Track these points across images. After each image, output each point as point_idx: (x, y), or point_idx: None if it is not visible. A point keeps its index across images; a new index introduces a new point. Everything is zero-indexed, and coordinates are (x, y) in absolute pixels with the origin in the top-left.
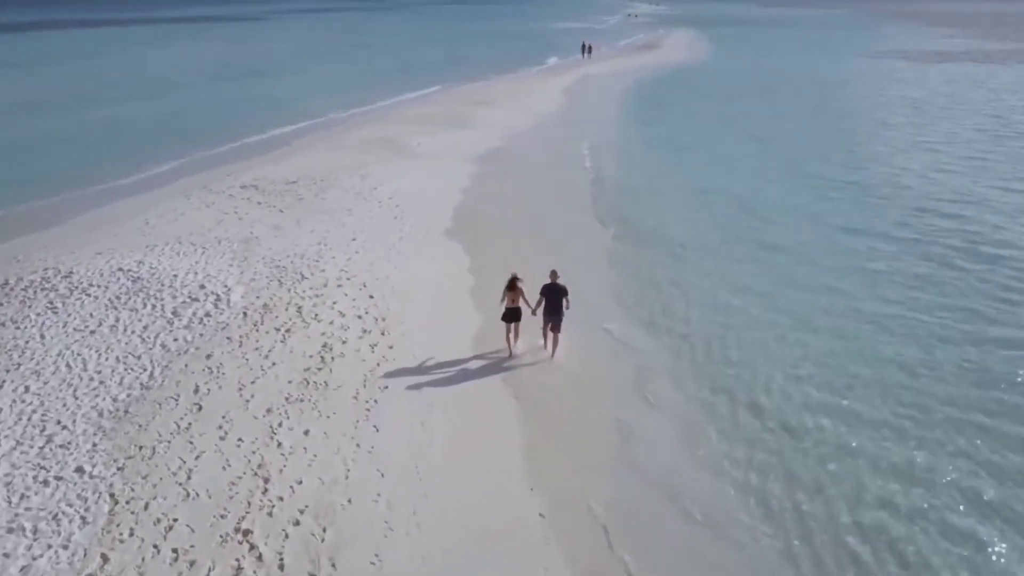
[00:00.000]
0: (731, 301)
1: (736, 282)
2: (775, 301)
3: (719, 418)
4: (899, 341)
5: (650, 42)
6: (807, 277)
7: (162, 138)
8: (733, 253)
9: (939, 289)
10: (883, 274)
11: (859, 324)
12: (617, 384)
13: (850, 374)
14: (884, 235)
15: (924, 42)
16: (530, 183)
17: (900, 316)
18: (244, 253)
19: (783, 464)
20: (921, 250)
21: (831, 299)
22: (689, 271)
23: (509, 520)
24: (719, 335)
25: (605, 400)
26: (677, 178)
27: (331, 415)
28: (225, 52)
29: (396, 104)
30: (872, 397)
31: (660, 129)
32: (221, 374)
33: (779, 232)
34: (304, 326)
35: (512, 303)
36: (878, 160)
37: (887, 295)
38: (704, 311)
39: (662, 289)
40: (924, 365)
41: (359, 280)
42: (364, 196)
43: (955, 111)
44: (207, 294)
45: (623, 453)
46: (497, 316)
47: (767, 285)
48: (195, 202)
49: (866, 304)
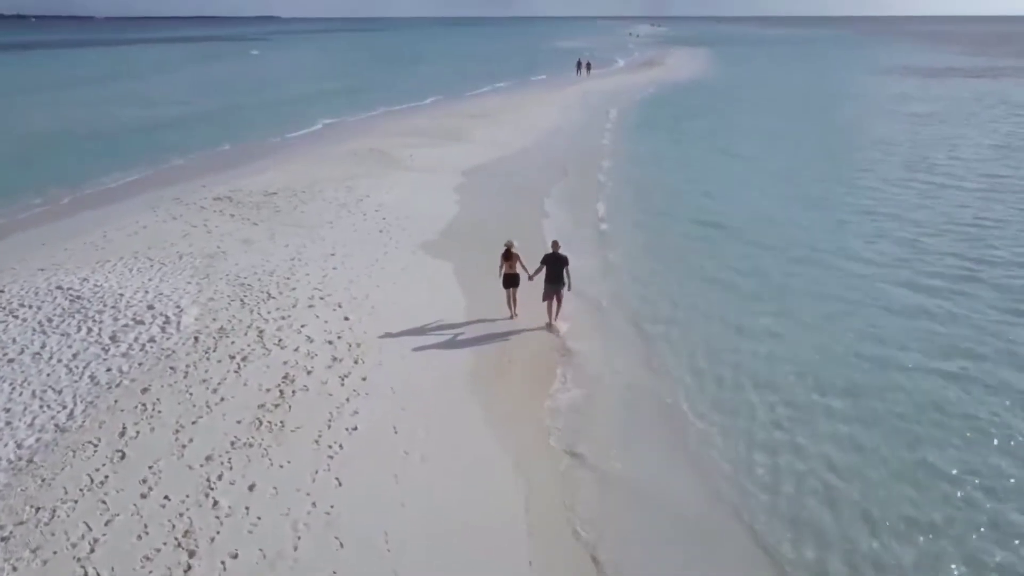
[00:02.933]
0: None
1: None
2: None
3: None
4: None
5: (651, 59)
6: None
7: (137, 149)
8: (727, 267)
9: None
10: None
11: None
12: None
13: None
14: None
15: (930, 59)
16: (525, 199)
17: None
18: (206, 270)
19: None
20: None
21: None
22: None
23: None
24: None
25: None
26: (678, 198)
27: (284, 464)
28: (220, 68)
29: (389, 117)
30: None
31: (659, 146)
32: (156, 412)
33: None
34: (264, 353)
35: (510, 270)
36: (884, 175)
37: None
38: (698, 317)
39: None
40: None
41: (334, 300)
42: (348, 208)
43: (965, 124)
44: (155, 316)
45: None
46: (495, 346)
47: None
48: (161, 214)
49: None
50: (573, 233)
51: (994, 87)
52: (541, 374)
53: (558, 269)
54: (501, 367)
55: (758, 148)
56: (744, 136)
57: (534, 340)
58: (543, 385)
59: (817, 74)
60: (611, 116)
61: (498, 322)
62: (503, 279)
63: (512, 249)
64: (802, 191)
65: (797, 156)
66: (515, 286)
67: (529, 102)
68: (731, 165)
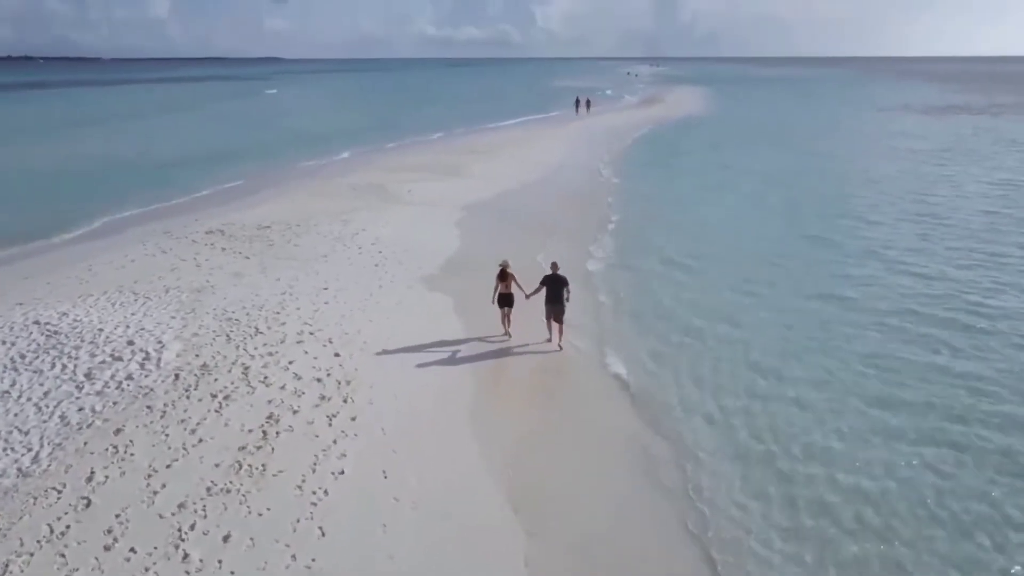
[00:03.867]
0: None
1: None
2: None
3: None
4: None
5: (651, 97)
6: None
7: (135, 185)
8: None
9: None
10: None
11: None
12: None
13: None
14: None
15: (927, 97)
16: (525, 234)
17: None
18: (193, 304)
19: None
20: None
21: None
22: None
23: None
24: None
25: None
26: (678, 233)
27: (263, 512)
28: (223, 106)
29: (389, 152)
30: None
31: (658, 183)
32: (128, 455)
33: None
34: (248, 391)
35: (505, 290)
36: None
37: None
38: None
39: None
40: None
41: (324, 335)
42: (344, 242)
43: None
44: (134, 352)
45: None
46: (492, 378)
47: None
48: (150, 248)
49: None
50: (575, 269)
51: (993, 123)
52: (541, 404)
53: (557, 289)
54: (499, 401)
55: (759, 185)
56: (744, 173)
57: (532, 365)
58: (544, 419)
59: (818, 111)
60: (611, 153)
61: (494, 348)
62: (498, 298)
63: (507, 269)
64: (802, 228)
65: (798, 192)
66: (510, 306)
67: (529, 139)
68: (731, 202)
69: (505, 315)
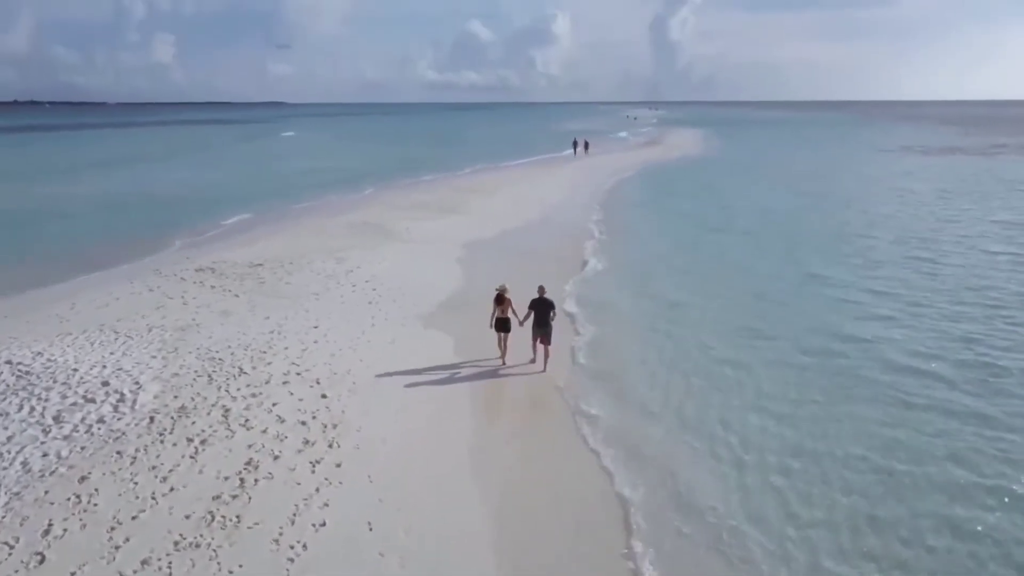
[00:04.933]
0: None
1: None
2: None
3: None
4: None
5: (650, 139)
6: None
7: (128, 225)
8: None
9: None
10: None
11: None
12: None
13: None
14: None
15: (927, 139)
16: (523, 272)
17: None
18: (176, 343)
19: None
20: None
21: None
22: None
23: None
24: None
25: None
26: (679, 273)
27: (235, 569)
28: (225, 148)
29: (388, 191)
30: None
31: (655, 223)
32: (92, 505)
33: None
34: (227, 435)
35: (502, 314)
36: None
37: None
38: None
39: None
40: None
41: (312, 375)
42: (337, 280)
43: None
44: (108, 393)
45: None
46: (489, 420)
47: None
48: (137, 285)
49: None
50: (577, 305)
51: (993, 164)
52: (542, 450)
53: (544, 313)
54: (495, 446)
55: (758, 225)
56: (744, 213)
57: (527, 401)
58: (546, 468)
59: (817, 152)
60: (610, 194)
61: (489, 382)
62: (495, 323)
63: (505, 294)
64: (804, 269)
65: (797, 232)
66: (507, 331)
67: (527, 179)
68: (730, 242)
69: (502, 339)
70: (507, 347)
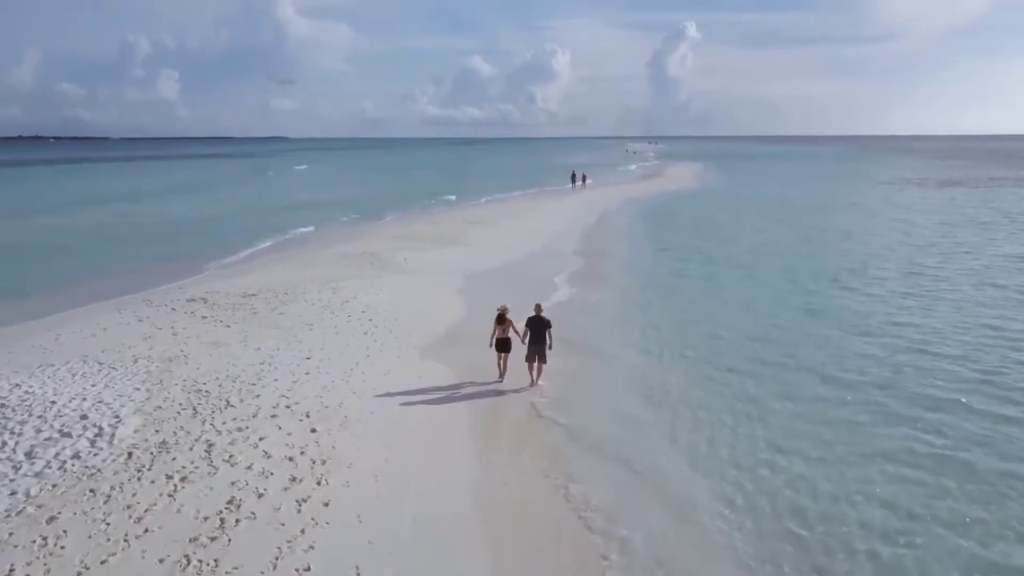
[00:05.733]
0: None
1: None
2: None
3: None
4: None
5: (649, 172)
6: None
7: (120, 256)
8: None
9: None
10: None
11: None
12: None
13: None
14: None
15: (926, 171)
16: (525, 301)
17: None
18: (162, 374)
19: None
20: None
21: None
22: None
23: None
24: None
25: None
26: (677, 307)
27: None
28: (221, 180)
29: (388, 221)
30: None
31: (656, 256)
32: (58, 549)
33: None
34: (209, 472)
35: (503, 334)
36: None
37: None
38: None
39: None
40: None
41: (302, 409)
42: (332, 310)
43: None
44: (86, 427)
45: None
46: (491, 465)
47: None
48: (126, 316)
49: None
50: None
51: (994, 195)
52: (544, 489)
53: (540, 331)
54: (496, 486)
55: (760, 258)
56: (745, 247)
57: (526, 433)
58: (547, 517)
59: (816, 185)
60: (607, 227)
61: (488, 411)
62: (496, 343)
63: (506, 315)
64: (805, 301)
65: (799, 266)
66: (507, 351)
67: (525, 211)
68: (732, 276)
69: (501, 359)
70: (507, 367)
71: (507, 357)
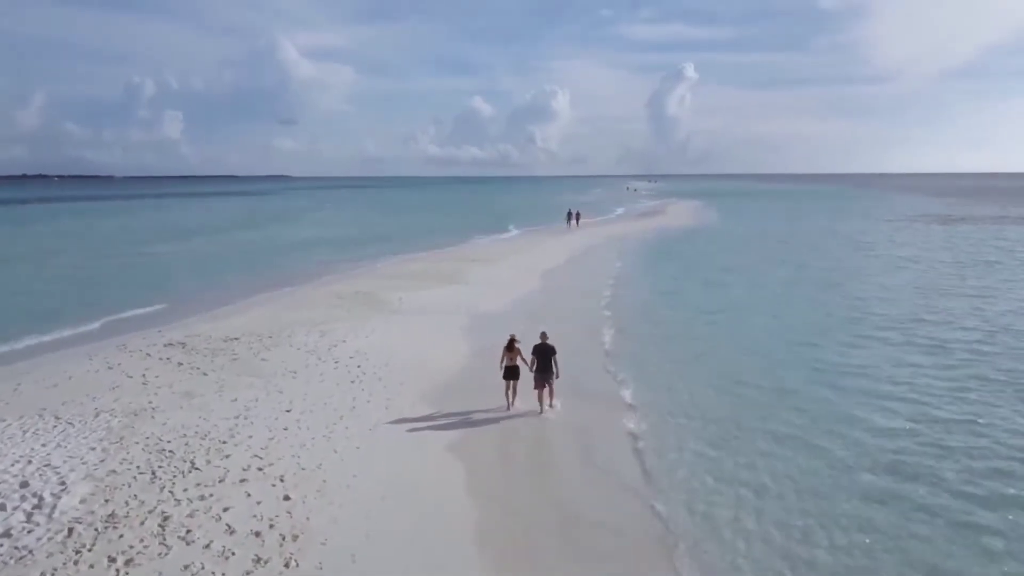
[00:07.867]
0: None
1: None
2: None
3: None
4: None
5: (648, 210)
6: None
7: (97, 297)
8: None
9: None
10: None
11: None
12: None
13: None
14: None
15: (927, 208)
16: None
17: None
18: (123, 431)
19: None
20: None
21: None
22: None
23: None
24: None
25: None
26: (693, 357)
27: None
28: (217, 218)
29: (383, 260)
30: None
31: (652, 295)
32: None
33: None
34: (160, 553)
35: (511, 362)
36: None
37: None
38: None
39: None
40: None
41: (276, 471)
42: (318, 355)
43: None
44: (25, 497)
45: None
46: (487, 524)
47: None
48: (96, 363)
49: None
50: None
51: (998, 233)
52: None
53: (546, 358)
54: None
55: (765, 299)
56: (741, 287)
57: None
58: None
59: (821, 223)
60: (606, 266)
61: (490, 474)
62: (504, 371)
63: (516, 343)
64: (818, 351)
65: (807, 309)
66: (516, 378)
67: (522, 250)
68: (730, 322)
69: (510, 387)
70: (516, 393)
71: (516, 384)
